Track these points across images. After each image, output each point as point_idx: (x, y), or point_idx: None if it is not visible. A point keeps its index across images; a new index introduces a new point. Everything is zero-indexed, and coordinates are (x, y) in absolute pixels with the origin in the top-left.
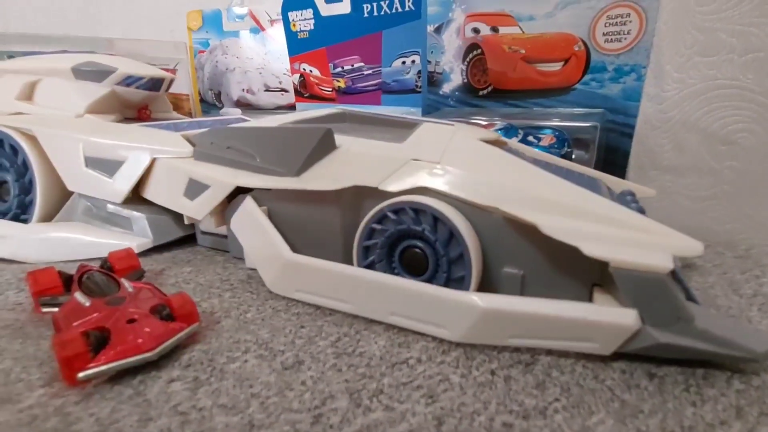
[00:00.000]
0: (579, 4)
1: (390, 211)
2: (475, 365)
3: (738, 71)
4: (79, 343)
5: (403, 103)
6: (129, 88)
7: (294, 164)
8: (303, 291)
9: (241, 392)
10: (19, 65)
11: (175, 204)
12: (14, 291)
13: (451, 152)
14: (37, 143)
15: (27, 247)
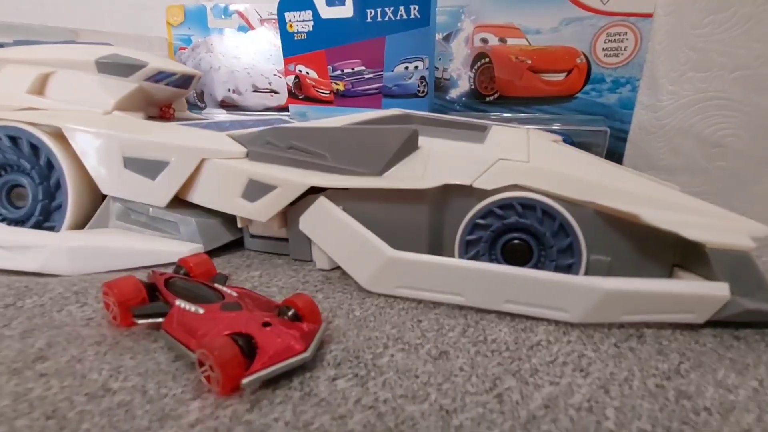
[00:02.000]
0: (582, 22)
1: (496, 207)
2: (598, 341)
3: (727, 85)
4: (235, 349)
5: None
6: (158, 85)
7: (377, 164)
8: (406, 287)
9: (410, 383)
10: (25, 55)
11: (230, 207)
12: (76, 305)
13: (535, 152)
14: (64, 142)
15: (59, 259)
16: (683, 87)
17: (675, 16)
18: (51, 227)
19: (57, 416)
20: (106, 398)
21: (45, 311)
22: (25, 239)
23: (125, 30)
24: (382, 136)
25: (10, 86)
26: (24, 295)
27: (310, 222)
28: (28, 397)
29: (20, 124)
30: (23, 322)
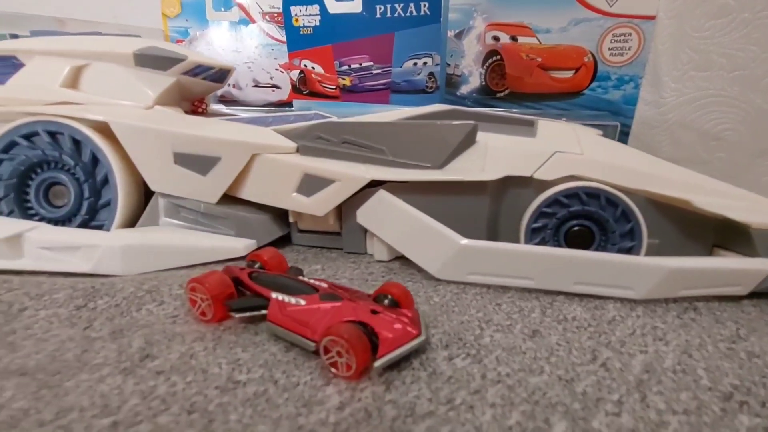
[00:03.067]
0: (590, 23)
1: (562, 196)
2: (662, 314)
3: (726, 84)
4: (363, 335)
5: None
6: (195, 79)
7: (439, 157)
8: (478, 273)
9: (521, 358)
10: (54, 46)
11: (285, 202)
12: (153, 304)
13: (587, 145)
14: (109, 137)
15: (113, 259)
16: (685, 85)
17: (677, 19)
18: (98, 226)
19: (198, 410)
20: (239, 390)
21: (123, 311)
22: (75, 239)
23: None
24: (444, 130)
25: (41, 79)
26: (93, 297)
27: (370, 215)
28: (157, 395)
29: (60, 118)
30: (105, 323)
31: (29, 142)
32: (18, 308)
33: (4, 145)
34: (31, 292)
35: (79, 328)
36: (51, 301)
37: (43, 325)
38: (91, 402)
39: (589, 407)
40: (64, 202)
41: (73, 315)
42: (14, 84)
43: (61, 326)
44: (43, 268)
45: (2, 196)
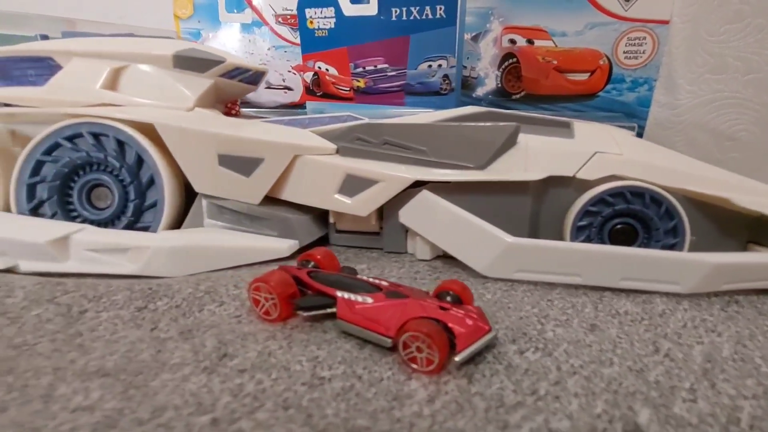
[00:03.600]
0: (605, 27)
1: (607, 195)
2: (707, 308)
3: (741, 87)
4: (442, 331)
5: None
6: (232, 81)
7: (481, 158)
8: (526, 270)
9: (588, 351)
10: (91, 47)
11: (327, 202)
12: (214, 305)
13: (624, 145)
14: (154, 139)
15: (161, 260)
16: (700, 87)
17: (692, 24)
18: (143, 228)
19: (293, 406)
20: (326, 386)
21: (185, 312)
22: (123, 241)
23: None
24: (487, 131)
25: (81, 81)
26: (152, 298)
27: (414, 214)
28: (247, 392)
29: (105, 120)
30: (170, 323)
31: (72, 143)
32: (78, 311)
33: (47, 147)
34: (88, 294)
35: (146, 329)
36: (110, 303)
37: (108, 327)
38: (183, 400)
39: (666, 395)
40: (107, 203)
41: (136, 316)
42: (54, 85)
43: (127, 328)
44: (89, 270)
45: (46, 198)
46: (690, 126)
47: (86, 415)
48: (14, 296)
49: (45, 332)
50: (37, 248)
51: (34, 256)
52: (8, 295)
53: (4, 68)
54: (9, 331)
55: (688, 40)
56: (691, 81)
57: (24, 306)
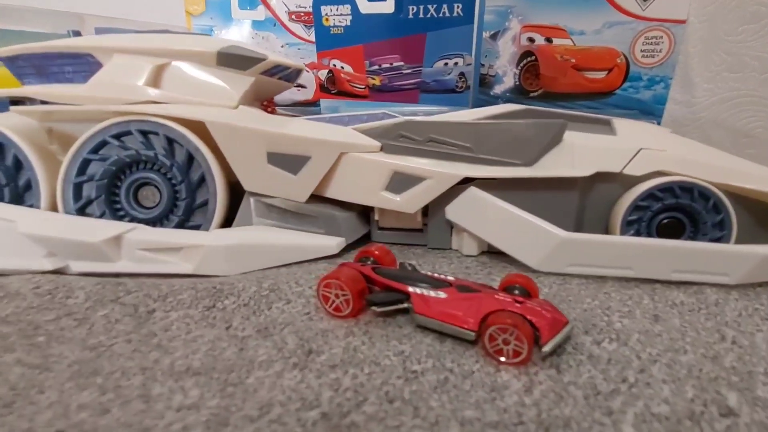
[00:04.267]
0: (623, 26)
1: (657, 190)
2: (755, 297)
3: (758, 85)
4: (527, 324)
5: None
6: (272, 79)
7: (529, 155)
8: (578, 265)
9: (659, 340)
10: (134, 44)
11: (374, 200)
12: (282, 302)
13: (665, 142)
14: (204, 137)
15: (216, 259)
16: (718, 85)
17: (710, 24)
18: (194, 227)
19: (396, 398)
20: (422, 379)
21: (256, 310)
22: (177, 240)
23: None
24: (534, 128)
25: (125, 78)
26: (219, 297)
27: (461, 211)
28: (346, 387)
29: (155, 117)
30: (244, 322)
31: (120, 141)
32: (145, 311)
33: (94, 146)
34: (152, 293)
35: (221, 327)
36: (177, 302)
37: (181, 327)
38: (286, 396)
39: (746, 379)
40: (154, 202)
41: (206, 315)
42: (97, 83)
43: (200, 327)
44: (143, 270)
45: (94, 198)
46: (707, 123)
47: (193, 413)
48: (75, 297)
49: (118, 333)
50: (89, 248)
51: (85, 257)
52: (68, 295)
53: (41, 65)
54: (79, 332)
55: (706, 39)
56: (708, 79)
57: (89, 307)
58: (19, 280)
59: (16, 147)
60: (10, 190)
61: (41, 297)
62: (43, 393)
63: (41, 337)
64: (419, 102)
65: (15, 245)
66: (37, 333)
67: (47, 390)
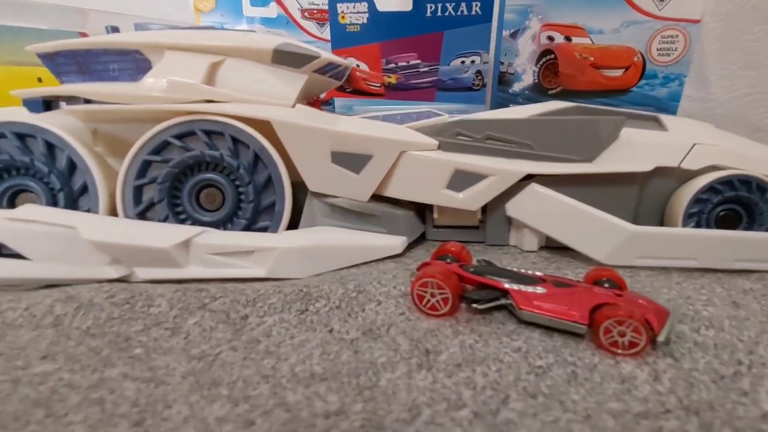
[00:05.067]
0: (640, 25)
1: (717, 183)
2: None
3: None
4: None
5: (460, 101)
6: (323, 77)
7: (591, 151)
8: (645, 257)
9: (751, 323)
10: (186, 41)
11: (435, 197)
12: (373, 304)
13: (717, 137)
14: (269, 137)
15: (290, 262)
16: (733, 83)
17: (726, 23)
18: (261, 229)
19: (537, 393)
20: (551, 373)
21: (350, 312)
22: (248, 243)
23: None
24: (595, 125)
25: (181, 76)
26: (309, 300)
27: (524, 207)
28: (480, 385)
29: (220, 117)
30: (344, 324)
31: (182, 142)
32: (238, 317)
33: (155, 147)
34: (240, 299)
35: (322, 331)
36: (268, 307)
37: (281, 332)
38: (428, 397)
39: None
40: (216, 205)
41: (303, 319)
42: (152, 81)
43: (302, 331)
44: (213, 275)
45: (157, 201)
46: (723, 119)
47: (343, 419)
48: (157, 305)
49: (218, 341)
50: (158, 254)
51: (153, 263)
52: (149, 304)
53: (83, 62)
54: (177, 342)
55: (721, 38)
56: (724, 77)
57: (176, 315)
58: (89, 290)
59: (71, 149)
60: (64, 194)
61: (120, 307)
62: (170, 408)
63: (137, 349)
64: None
65: (77, 253)
66: (130, 345)
67: (174, 405)
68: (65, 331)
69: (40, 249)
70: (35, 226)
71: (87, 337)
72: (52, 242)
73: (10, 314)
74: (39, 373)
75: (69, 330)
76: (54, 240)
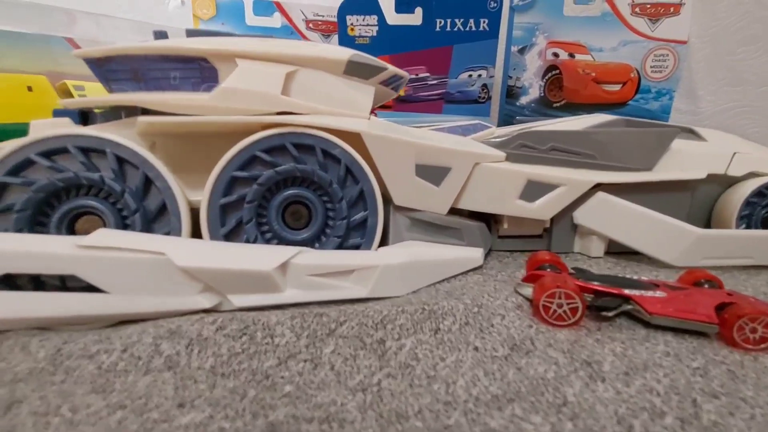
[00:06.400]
0: (636, 44)
1: (764, 188)
2: None
3: (756, 97)
4: None
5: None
6: (385, 88)
7: (648, 160)
8: (709, 257)
9: None
10: (260, 49)
11: (508, 208)
12: (497, 318)
13: (749, 147)
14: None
15: (392, 279)
16: (720, 97)
17: (711, 44)
18: (354, 246)
19: (717, 394)
20: (710, 374)
21: (482, 328)
22: (348, 262)
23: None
24: (653, 136)
25: (259, 86)
26: (436, 319)
27: (592, 215)
28: (658, 391)
29: (310, 129)
30: (484, 342)
31: (271, 156)
32: (373, 341)
33: (243, 162)
34: (366, 321)
35: (468, 350)
36: (399, 328)
37: (426, 354)
38: (626, 409)
39: None
40: (301, 223)
41: (441, 339)
42: (229, 91)
43: (446, 351)
44: (313, 298)
45: (246, 221)
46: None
47: None
48: (281, 335)
49: (369, 369)
50: (258, 278)
51: (249, 288)
52: (270, 334)
53: (139, 69)
54: (326, 374)
55: (709, 57)
56: (711, 92)
57: (307, 344)
58: (190, 322)
59: (148, 165)
60: (140, 217)
61: (238, 340)
62: None
63: (286, 386)
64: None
65: (164, 282)
66: (275, 383)
67: None
68: (187, 373)
69: (120, 280)
70: (115, 254)
71: (217, 377)
72: (135, 272)
73: (106, 357)
74: (189, 424)
75: (191, 371)
76: (138, 269)
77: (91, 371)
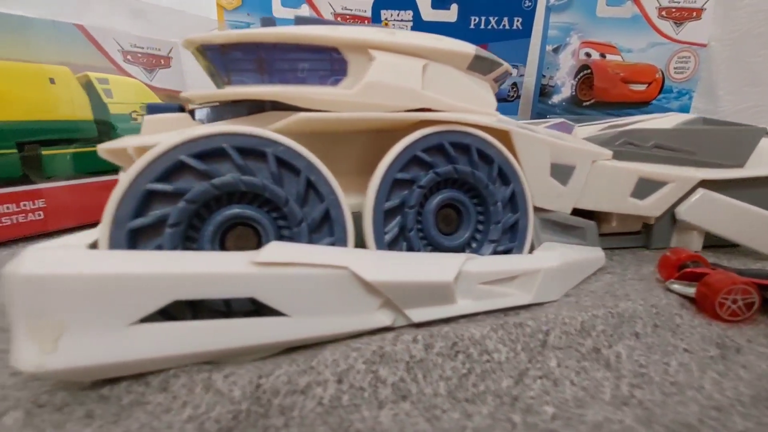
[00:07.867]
0: (662, 46)
1: None
2: None
3: None
4: None
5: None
6: (495, 84)
7: (741, 157)
8: None
9: None
10: (394, 40)
11: (621, 206)
12: (676, 319)
13: None
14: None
15: (552, 283)
16: (738, 97)
17: (733, 47)
18: (506, 251)
19: None
20: None
21: (672, 328)
22: (515, 267)
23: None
24: (746, 134)
25: (404, 80)
26: (626, 322)
27: (696, 211)
28: None
29: (467, 128)
30: (685, 342)
31: (431, 157)
32: (587, 350)
33: (404, 164)
34: (568, 330)
35: (679, 351)
36: (600, 335)
37: (647, 359)
38: None
39: None
40: (451, 228)
41: (648, 343)
42: (371, 85)
43: (660, 354)
44: (484, 308)
45: (410, 228)
46: None
47: None
48: (495, 351)
49: (609, 382)
50: (436, 290)
51: (425, 301)
52: (484, 350)
53: (268, 59)
54: (567, 389)
55: (730, 59)
56: (731, 92)
57: (529, 359)
58: (386, 343)
59: (312, 169)
60: (307, 227)
61: (455, 359)
62: None
63: (546, 407)
64: None
65: (349, 299)
66: (528, 405)
67: None
68: (427, 402)
69: (302, 300)
70: (296, 271)
71: (463, 403)
72: (317, 290)
73: (322, 391)
74: None
75: (429, 399)
76: (320, 286)
77: (312, 409)
